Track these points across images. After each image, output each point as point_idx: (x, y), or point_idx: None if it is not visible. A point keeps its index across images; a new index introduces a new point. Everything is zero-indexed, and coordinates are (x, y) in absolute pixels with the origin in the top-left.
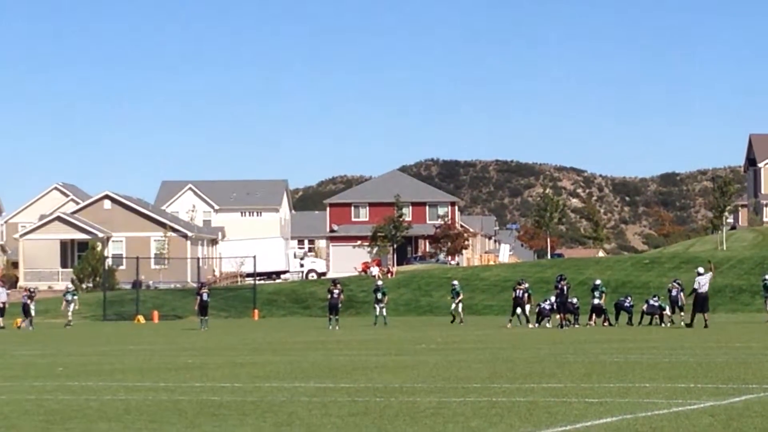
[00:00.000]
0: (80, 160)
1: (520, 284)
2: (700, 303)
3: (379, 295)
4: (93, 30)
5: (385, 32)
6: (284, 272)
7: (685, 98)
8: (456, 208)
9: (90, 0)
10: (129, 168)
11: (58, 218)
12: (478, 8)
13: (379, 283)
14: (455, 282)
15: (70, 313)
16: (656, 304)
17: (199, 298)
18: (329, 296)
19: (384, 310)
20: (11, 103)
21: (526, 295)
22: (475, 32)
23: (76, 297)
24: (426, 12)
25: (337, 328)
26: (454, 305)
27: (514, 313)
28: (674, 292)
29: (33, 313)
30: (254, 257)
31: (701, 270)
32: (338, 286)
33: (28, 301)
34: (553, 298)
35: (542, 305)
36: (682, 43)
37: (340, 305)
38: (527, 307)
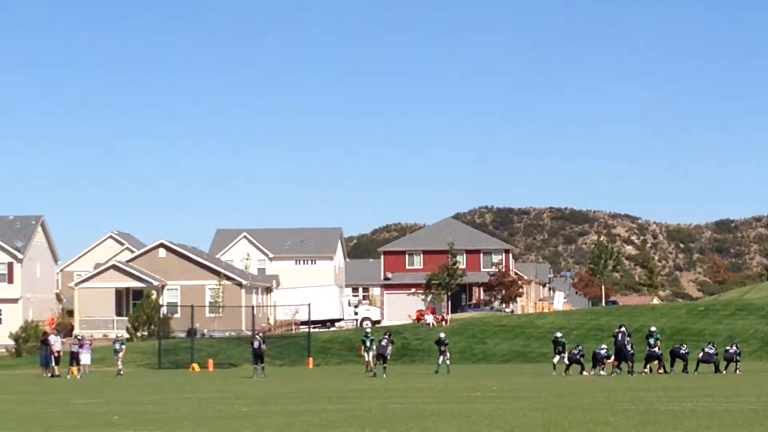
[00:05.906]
0: (135, 208)
1: (558, 336)
2: None
3: (443, 347)
4: (147, 83)
5: (438, 80)
6: (338, 320)
7: (739, 144)
8: (510, 255)
9: (135, 56)
10: (184, 216)
11: (113, 267)
12: (530, 56)
13: (442, 335)
14: (368, 330)
15: (119, 362)
16: (712, 351)
17: (251, 346)
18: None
19: (449, 360)
20: (65, 153)
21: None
22: (528, 80)
23: (124, 346)
24: (478, 59)
25: (384, 375)
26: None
27: (560, 360)
28: (732, 349)
29: (89, 360)
30: (308, 305)
31: None
32: (387, 336)
33: (78, 350)
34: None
35: (597, 350)
36: (735, 88)
37: (388, 354)
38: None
